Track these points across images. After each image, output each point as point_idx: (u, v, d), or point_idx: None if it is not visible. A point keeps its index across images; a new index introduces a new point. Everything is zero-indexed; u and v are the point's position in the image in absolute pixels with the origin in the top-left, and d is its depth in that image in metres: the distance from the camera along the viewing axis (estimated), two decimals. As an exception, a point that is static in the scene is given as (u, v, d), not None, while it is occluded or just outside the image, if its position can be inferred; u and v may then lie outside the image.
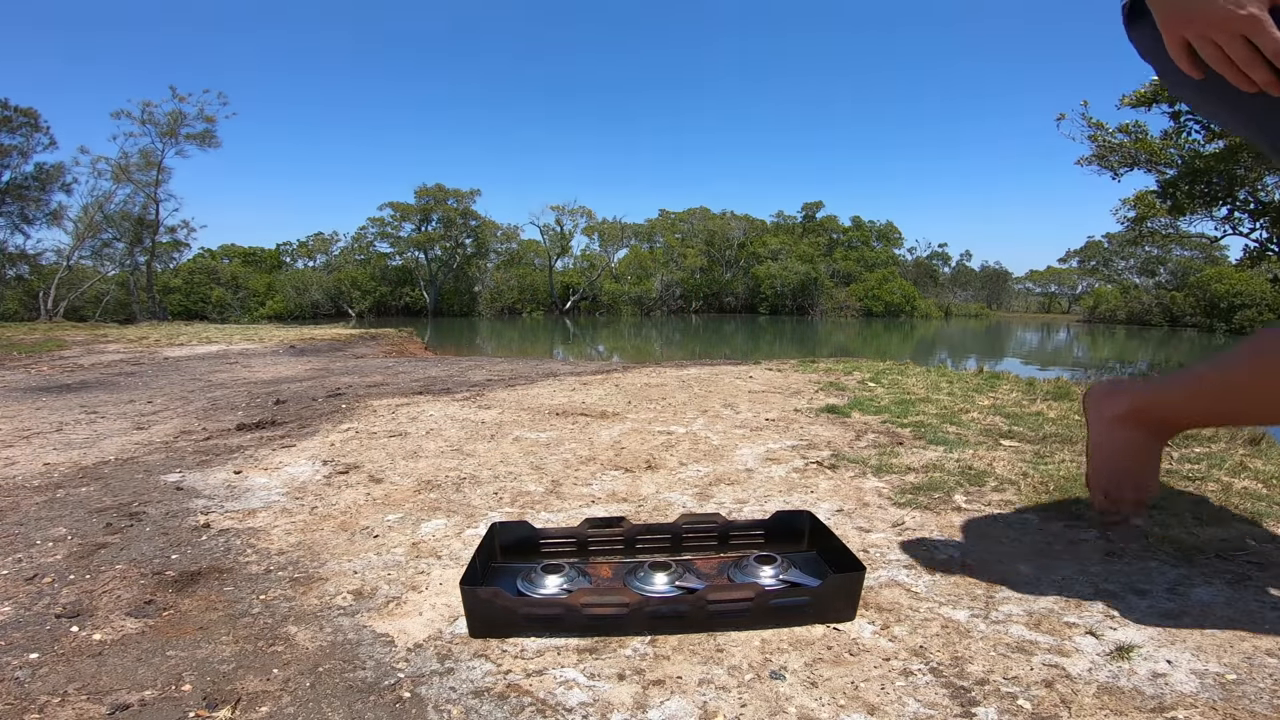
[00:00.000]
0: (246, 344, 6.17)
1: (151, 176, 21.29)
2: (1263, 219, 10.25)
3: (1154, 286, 39.67)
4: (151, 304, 22.70)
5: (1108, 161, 9.99)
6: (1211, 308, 32.98)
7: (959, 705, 0.74)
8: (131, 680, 0.79)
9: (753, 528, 1.14)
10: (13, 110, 18.40)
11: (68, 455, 1.85)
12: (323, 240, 38.90)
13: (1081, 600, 0.97)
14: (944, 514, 1.31)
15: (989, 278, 55.42)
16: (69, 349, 5.73)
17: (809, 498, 1.41)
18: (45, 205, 19.71)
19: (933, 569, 1.07)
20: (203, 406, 2.62)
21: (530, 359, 4.22)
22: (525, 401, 2.51)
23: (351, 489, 1.51)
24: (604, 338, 22.72)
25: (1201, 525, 1.24)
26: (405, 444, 1.89)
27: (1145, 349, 22.68)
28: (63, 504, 1.43)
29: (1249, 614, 0.93)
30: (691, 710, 0.74)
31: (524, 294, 36.26)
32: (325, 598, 1.00)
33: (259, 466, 1.70)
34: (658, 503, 1.39)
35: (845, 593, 0.92)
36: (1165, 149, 9.36)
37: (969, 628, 0.90)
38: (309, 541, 1.21)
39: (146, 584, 1.04)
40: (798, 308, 39.30)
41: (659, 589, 0.96)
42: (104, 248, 22.34)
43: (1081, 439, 1.87)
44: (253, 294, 33.11)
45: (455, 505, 1.39)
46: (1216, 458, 1.67)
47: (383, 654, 0.85)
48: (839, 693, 0.76)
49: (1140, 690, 0.76)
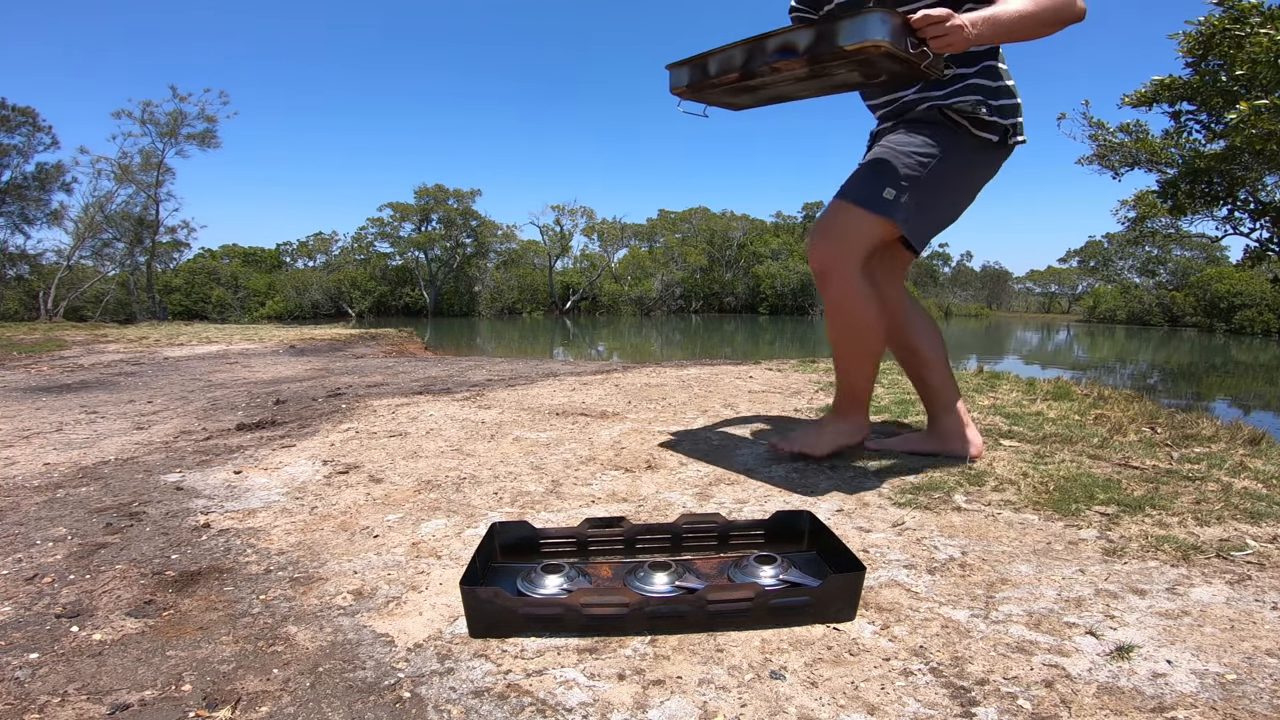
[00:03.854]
0: (246, 344, 6.17)
1: (152, 176, 21.29)
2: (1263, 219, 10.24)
3: (1154, 286, 39.65)
4: (151, 304, 22.70)
5: (1108, 161, 9.99)
6: (1212, 308, 32.97)
7: (959, 705, 0.74)
8: (131, 680, 0.79)
9: (753, 528, 1.14)
10: (10, 109, 18.40)
11: (68, 455, 1.85)
12: (323, 240, 38.89)
13: (1081, 600, 0.97)
14: (944, 514, 1.31)
15: (989, 278, 55.43)
16: (69, 349, 5.73)
17: (809, 498, 1.41)
18: (46, 205, 19.72)
19: (933, 569, 1.07)
20: (203, 406, 2.62)
21: (530, 359, 4.22)
22: (525, 401, 2.51)
23: (351, 489, 1.51)
24: (604, 338, 22.70)
25: (1201, 525, 1.24)
26: (405, 444, 1.89)
27: (1145, 349, 22.67)
28: (63, 504, 1.43)
29: (1249, 614, 0.92)
30: (691, 710, 0.74)
31: (524, 294, 36.26)
32: (325, 598, 1.00)
33: (259, 466, 1.70)
34: (658, 503, 1.39)
35: (845, 593, 0.92)
36: (1166, 148, 9.36)
37: (969, 628, 0.90)
38: (309, 541, 1.21)
39: (146, 584, 1.04)
40: (798, 308, 39.28)
41: (659, 589, 0.96)
42: (104, 248, 22.34)
43: (1082, 439, 1.87)
44: (253, 294, 33.12)
45: (455, 505, 1.39)
46: (1216, 458, 1.67)
47: (383, 654, 0.85)
48: (839, 693, 0.76)
49: (1140, 690, 0.76)
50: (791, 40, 1.29)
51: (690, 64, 1.48)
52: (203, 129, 21.28)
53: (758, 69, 1.36)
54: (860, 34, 1.19)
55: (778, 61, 1.31)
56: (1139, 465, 1.62)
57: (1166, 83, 8.02)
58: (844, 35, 1.21)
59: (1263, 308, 30.82)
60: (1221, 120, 7.92)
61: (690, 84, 1.48)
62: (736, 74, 1.40)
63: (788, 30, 1.31)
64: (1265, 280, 26.64)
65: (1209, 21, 6.90)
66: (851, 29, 1.20)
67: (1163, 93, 8.18)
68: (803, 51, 1.27)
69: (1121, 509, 1.32)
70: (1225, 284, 32.50)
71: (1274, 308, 30.28)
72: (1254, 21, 6.49)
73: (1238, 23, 6.63)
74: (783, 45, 1.31)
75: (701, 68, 1.46)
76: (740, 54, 1.38)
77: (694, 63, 1.48)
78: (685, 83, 1.49)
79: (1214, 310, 32.76)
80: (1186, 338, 28.32)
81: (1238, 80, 6.92)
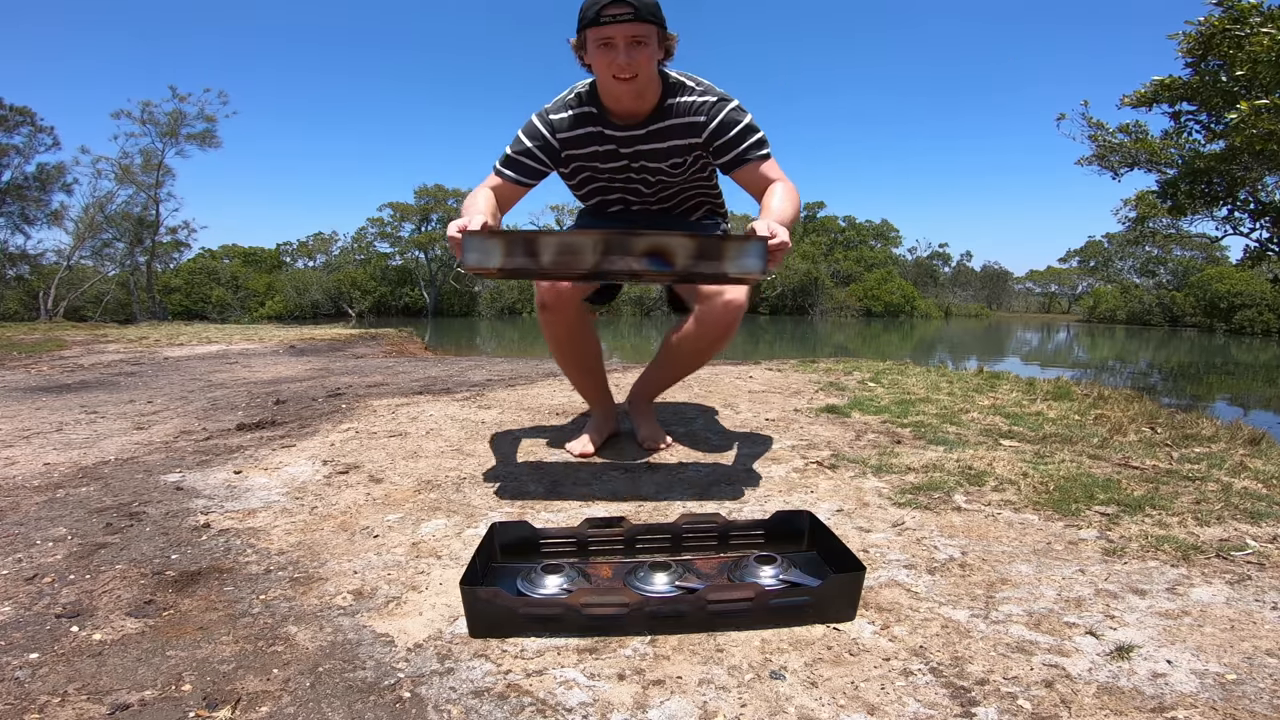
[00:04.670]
0: (246, 344, 6.17)
1: (153, 177, 21.30)
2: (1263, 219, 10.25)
3: (1154, 286, 39.66)
4: (151, 304, 22.71)
5: (1108, 161, 9.99)
6: (1212, 308, 32.99)
7: (959, 705, 0.74)
8: (131, 680, 0.79)
9: (753, 528, 1.14)
10: (9, 109, 18.41)
11: (68, 455, 1.85)
12: (323, 240, 38.91)
13: (1081, 600, 0.97)
14: (944, 514, 1.31)
15: (989, 278, 55.45)
16: (69, 349, 5.73)
17: (809, 498, 1.41)
18: (46, 205, 19.73)
19: (933, 569, 1.07)
20: (203, 406, 2.62)
21: (530, 359, 4.21)
22: (525, 401, 2.51)
23: (351, 489, 1.51)
24: (604, 338, 22.53)
25: (1201, 525, 1.24)
26: (405, 444, 1.89)
27: (1145, 349, 22.67)
28: (63, 504, 1.43)
29: (1249, 614, 0.93)
30: (691, 710, 0.74)
31: (524, 294, 36.24)
32: (325, 598, 1.00)
33: (259, 466, 1.70)
34: (658, 503, 1.39)
35: (845, 593, 0.92)
36: (1165, 149, 9.36)
37: (969, 628, 0.90)
38: (309, 541, 1.21)
39: (146, 584, 1.04)
40: (798, 308, 39.30)
41: (659, 589, 0.96)
42: (104, 248, 22.37)
43: (1082, 439, 1.87)
44: (253, 294, 33.13)
45: (455, 505, 1.39)
46: (1216, 458, 1.67)
47: (383, 654, 0.85)
48: (839, 693, 0.76)
49: (1140, 690, 0.76)
50: (668, 249, 1.14)
51: (506, 239, 1.18)
52: (202, 129, 21.30)
53: (612, 269, 1.17)
54: (747, 266, 1.15)
55: (642, 268, 1.15)
56: (1139, 465, 1.62)
57: (1166, 83, 8.02)
58: (733, 264, 1.15)
59: (1263, 308, 30.84)
60: (1221, 120, 7.93)
61: (504, 266, 1.18)
62: (584, 272, 1.20)
63: (660, 236, 1.15)
64: (1265, 280, 26.65)
65: (1209, 22, 6.90)
66: (741, 260, 1.15)
67: (1162, 93, 8.18)
68: (678, 268, 1.15)
69: (1121, 509, 1.32)
70: (1225, 284, 32.52)
71: (1274, 308, 30.31)
72: (1254, 21, 6.49)
73: (1237, 23, 6.64)
74: (655, 251, 1.14)
75: (527, 247, 1.16)
76: (594, 248, 1.14)
77: (512, 239, 1.17)
78: (495, 264, 1.17)
79: (1214, 310, 32.77)
80: (1186, 338, 28.33)
81: (1237, 80, 6.92)
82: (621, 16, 1.41)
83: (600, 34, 1.44)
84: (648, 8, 1.43)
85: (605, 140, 1.59)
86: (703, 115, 1.54)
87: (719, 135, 1.53)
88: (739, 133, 1.53)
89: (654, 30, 1.45)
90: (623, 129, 1.57)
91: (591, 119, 1.58)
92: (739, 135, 1.53)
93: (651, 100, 1.54)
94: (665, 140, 1.57)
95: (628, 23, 1.41)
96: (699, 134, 1.55)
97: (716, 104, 1.54)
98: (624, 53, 1.43)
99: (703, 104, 1.54)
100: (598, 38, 1.44)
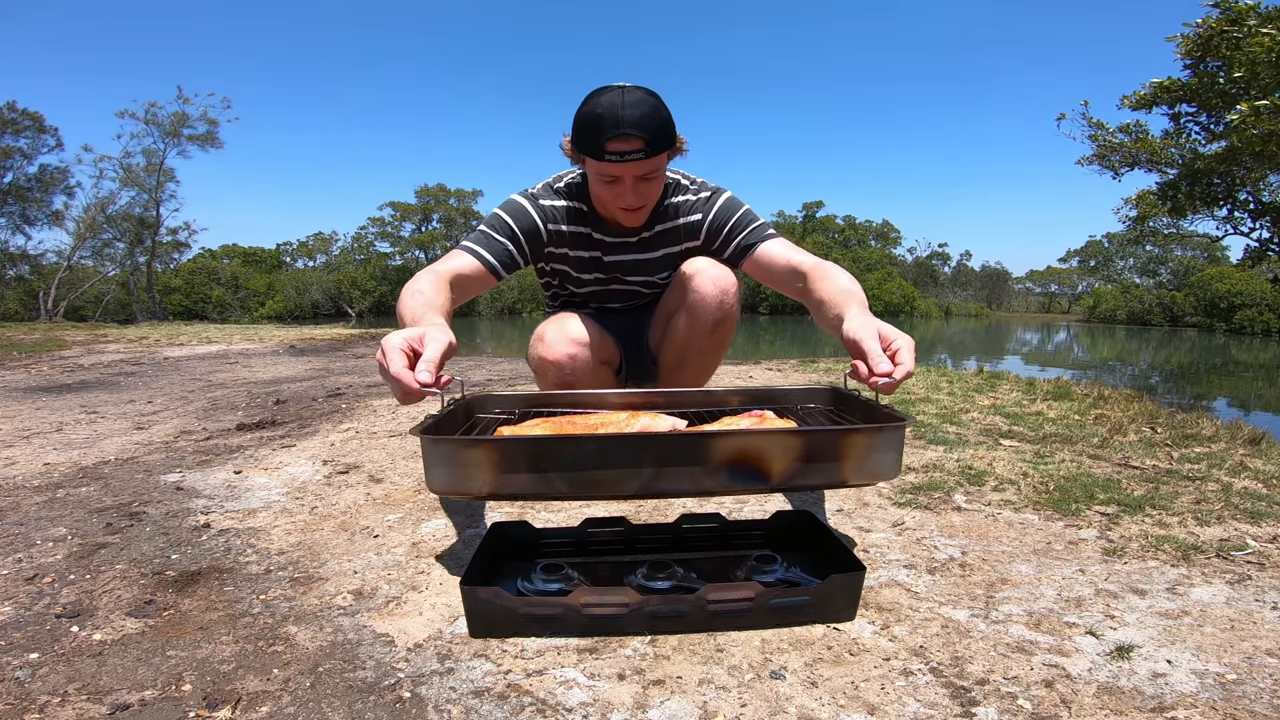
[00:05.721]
0: (246, 344, 6.17)
1: (155, 177, 21.30)
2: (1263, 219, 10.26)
3: (1154, 286, 39.69)
4: (152, 304, 22.70)
5: (1108, 161, 10.01)
6: (1212, 307, 33.00)
7: (959, 705, 0.74)
8: (131, 680, 0.79)
9: (753, 528, 1.14)
10: (19, 113, 18.46)
11: (68, 455, 1.85)
12: (323, 240, 38.96)
13: (1081, 600, 0.97)
14: (944, 514, 1.31)
15: (989, 277, 55.44)
16: (69, 349, 5.73)
17: (809, 497, 1.41)
18: (47, 206, 19.75)
19: (933, 569, 1.07)
20: (203, 406, 2.62)
21: (530, 359, 4.21)
22: (525, 401, 2.51)
23: (351, 489, 1.51)
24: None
25: (1201, 525, 1.24)
26: (405, 444, 1.89)
27: (1145, 349, 22.67)
28: (63, 504, 1.43)
29: (1249, 614, 0.93)
30: (691, 710, 0.74)
31: (524, 294, 36.28)
32: (325, 598, 1.00)
33: (259, 466, 1.70)
34: (658, 503, 1.39)
35: (845, 593, 0.92)
36: (1166, 149, 9.38)
37: (969, 628, 0.90)
38: (309, 541, 1.21)
39: (146, 584, 1.04)
40: (798, 307, 39.15)
41: (659, 589, 0.96)
42: (104, 248, 22.35)
43: (1082, 439, 1.87)
44: (253, 294, 33.14)
45: (455, 505, 1.39)
46: (1216, 458, 1.68)
47: (383, 654, 0.85)
48: (839, 692, 0.76)
49: (1140, 690, 0.76)
50: (761, 456, 0.84)
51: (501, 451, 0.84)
52: (204, 130, 21.29)
53: (669, 491, 0.88)
54: (882, 469, 0.90)
55: (717, 485, 0.86)
56: (1139, 465, 1.62)
57: (1166, 85, 8.04)
58: (860, 470, 0.88)
59: (1263, 307, 30.85)
60: (1221, 121, 7.94)
61: (496, 492, 0.85)
62: (625, 496, 0.91)
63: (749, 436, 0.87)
64: (1265, 280, 26.66)
65: (1206, 23, 6.91)
66: (873, 459, 0.88)
67: (1162, 95, 8.20)
68: (775, 481, 0.86)
69: (1121, 509, 1.32)
70: (1225, 284, 32.53)
71: (1274, 308, 30.32)
72: (1251, 23, 6.50)
73: (1235, 24, 6.65)
74: (741, 460, 0.85)
75: (533, 462, 0.84)
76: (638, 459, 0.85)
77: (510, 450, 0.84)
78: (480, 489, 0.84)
79: (1214, 310, 32.78)
80: (1186, 338, 28.33)
81: (1236, 82, 6.93)
82: (631, 156, 1.21)
83: (605, 171, 1.25)
84: (660, 136, 1.22)
85: (592, 245, 1.43)
86: (698, 213, 1.41)
87: (721, 225, 1.39)
88: (741, 218, 1.39)
89: (665, 157, 1.28)
90: (613, 235, 1.42)
91: (582, 218, 1.41)
92: (741, 220, 1.39)
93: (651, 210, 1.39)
94: (658, 249, 1.44)
95: (637, 162, 1.23)
96: (697, 234, 1.42)
97: (711, 198, 1.41)
98: (632, 191, 1.27)
99: (698, 201, 1.42)
100: (602, 173, 1.27)
